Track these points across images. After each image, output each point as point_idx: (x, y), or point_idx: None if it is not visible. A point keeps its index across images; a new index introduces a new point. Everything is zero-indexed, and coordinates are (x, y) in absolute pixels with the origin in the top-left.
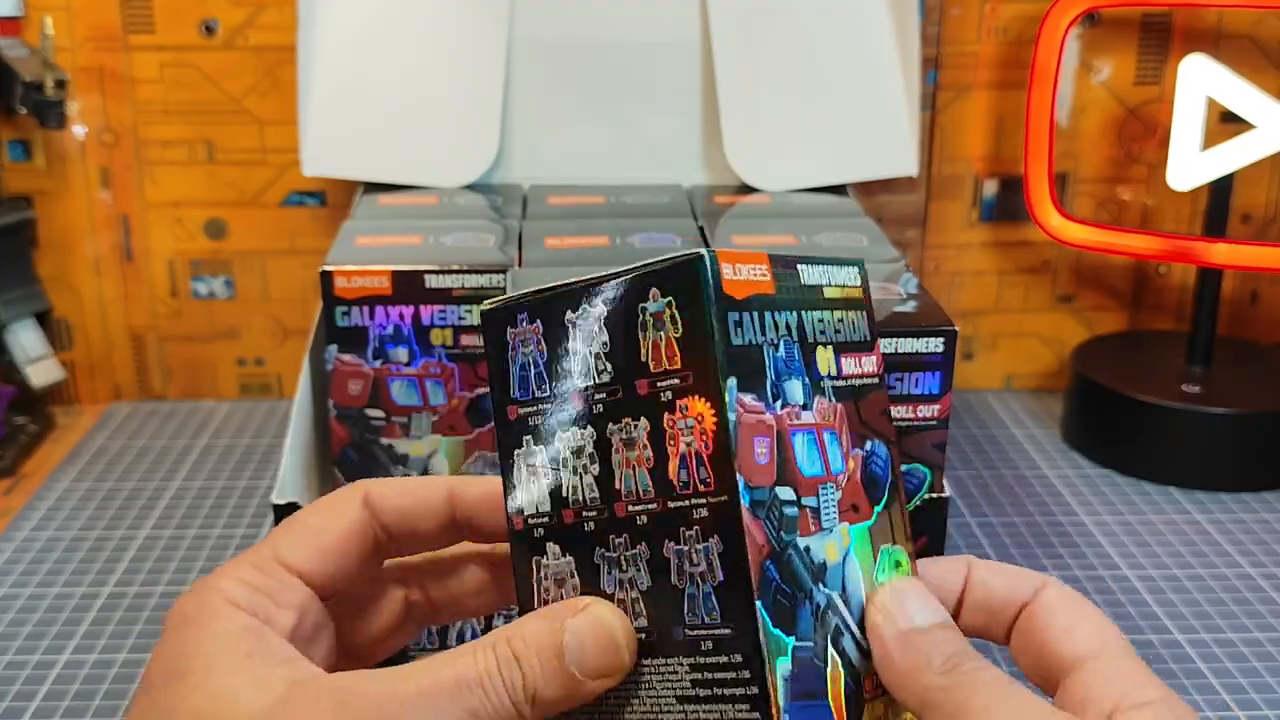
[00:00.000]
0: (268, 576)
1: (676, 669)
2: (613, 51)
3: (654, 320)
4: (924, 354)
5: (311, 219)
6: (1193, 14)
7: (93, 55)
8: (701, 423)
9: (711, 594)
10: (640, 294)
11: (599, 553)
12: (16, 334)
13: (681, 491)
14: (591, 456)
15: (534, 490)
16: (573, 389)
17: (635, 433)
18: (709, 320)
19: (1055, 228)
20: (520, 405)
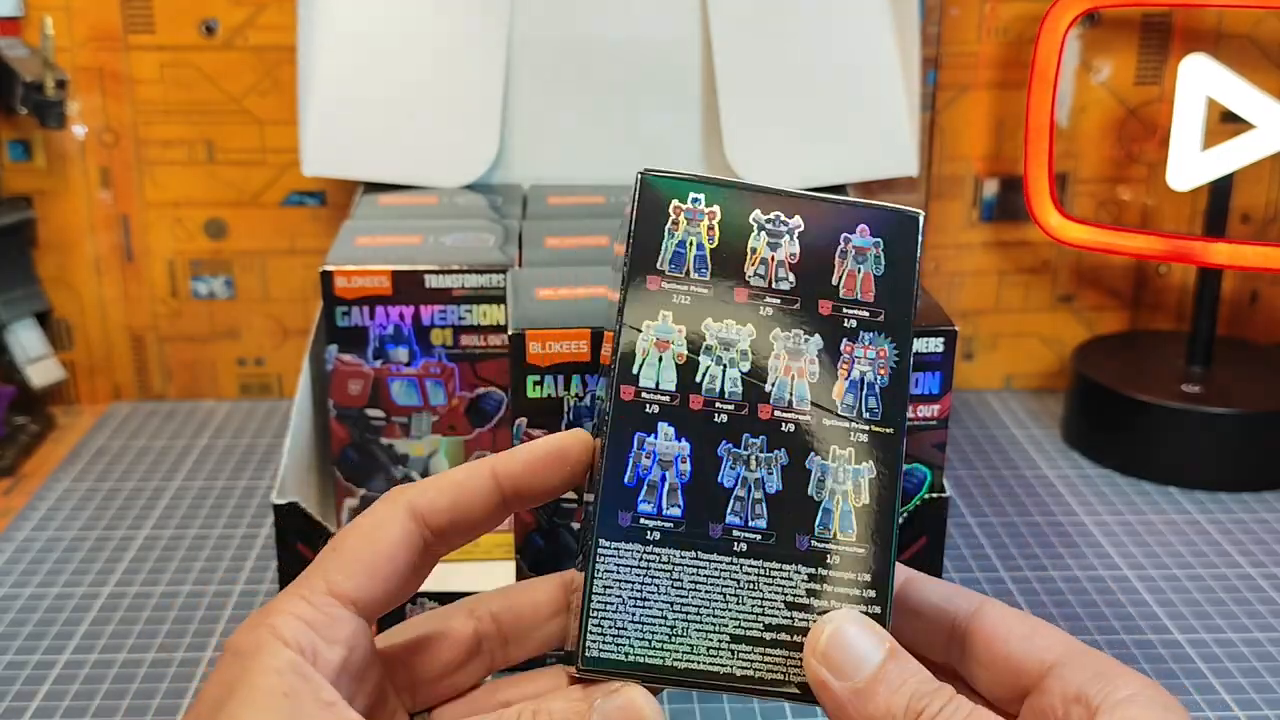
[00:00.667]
0: (318, 610)
1: (793, 576)
2: (613, 51)
3: (855, 253)
4: (924, 354)
5: (311, 219)
6: (1193, 14)
7: (93, 55)
8: (883, 357)
9: (851, 513)
10: (848, 225)
11: (726, 446)
12: (17, 334)
13: (843, 413)
14: (744, 353)
15: (660, 366)
16: (739, 283)
17: (804, 345)
18: (915, 272)
19: (1055, 228)
20: (667, 279)
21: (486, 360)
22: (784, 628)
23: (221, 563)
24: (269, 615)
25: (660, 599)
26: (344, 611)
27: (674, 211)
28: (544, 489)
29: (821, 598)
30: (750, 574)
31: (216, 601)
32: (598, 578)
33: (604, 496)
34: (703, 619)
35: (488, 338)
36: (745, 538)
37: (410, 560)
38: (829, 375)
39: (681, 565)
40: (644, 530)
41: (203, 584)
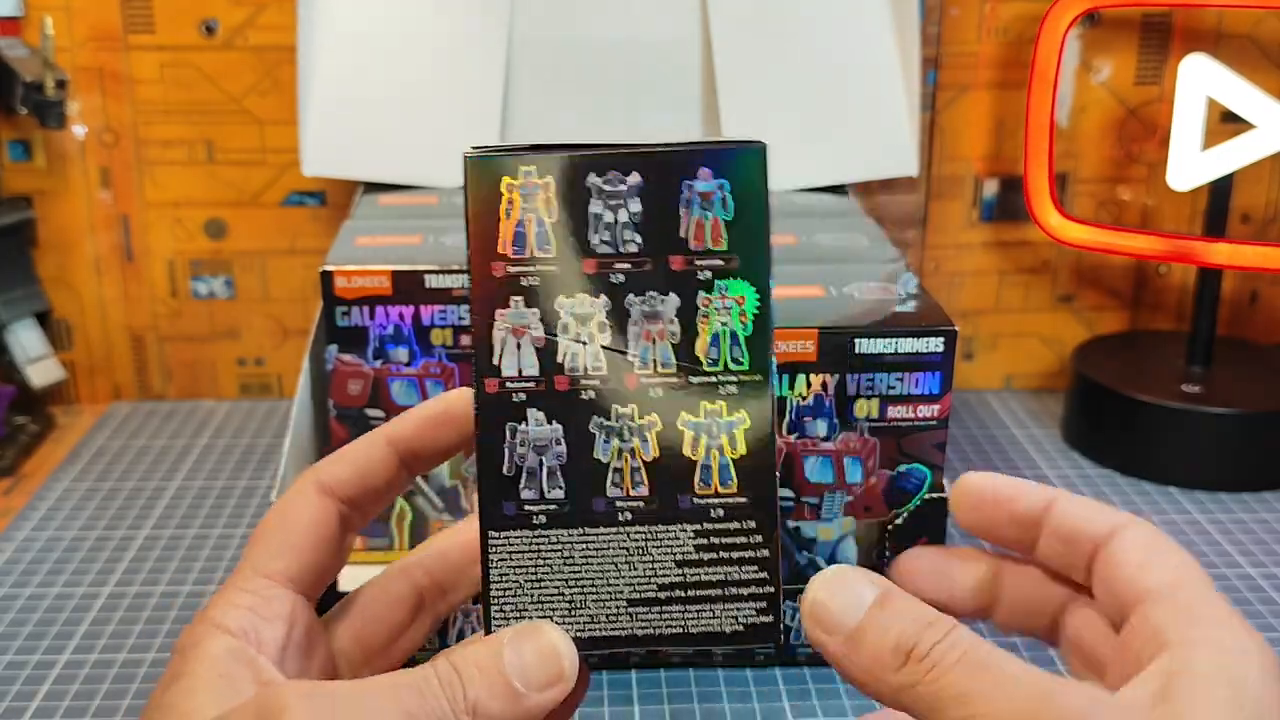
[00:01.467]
0: (251, 593)
1: (679, 535)
2: (613, 51)
3: (700, 199)
4: (924, 354)
5: (311, 219)
6: (1193, 14)
7: (93, 55)
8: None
9: (729, 465)
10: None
11: (597, 421)
12: (17, 334)
13: (708, 369)
14: (601, 325)
15: (519, 354)
16: (585, 254)
17: (661, 306)
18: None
19: (1055, 228)
20: (511, 263)
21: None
22: (677, 584)
23: (221, 563)
24: (208, 609)
25: (555, 577)
26: (278, 590)
27: (507, 190)
28: (438, 449)
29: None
30: (638, 540)
31: None
32: (493, 566)
33: (485, 489)
34: (599, 589)
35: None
36: (628, 506)
37: (329, 533)
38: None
39: (570, 543)
40: (529, 516)
41: (203, 584)
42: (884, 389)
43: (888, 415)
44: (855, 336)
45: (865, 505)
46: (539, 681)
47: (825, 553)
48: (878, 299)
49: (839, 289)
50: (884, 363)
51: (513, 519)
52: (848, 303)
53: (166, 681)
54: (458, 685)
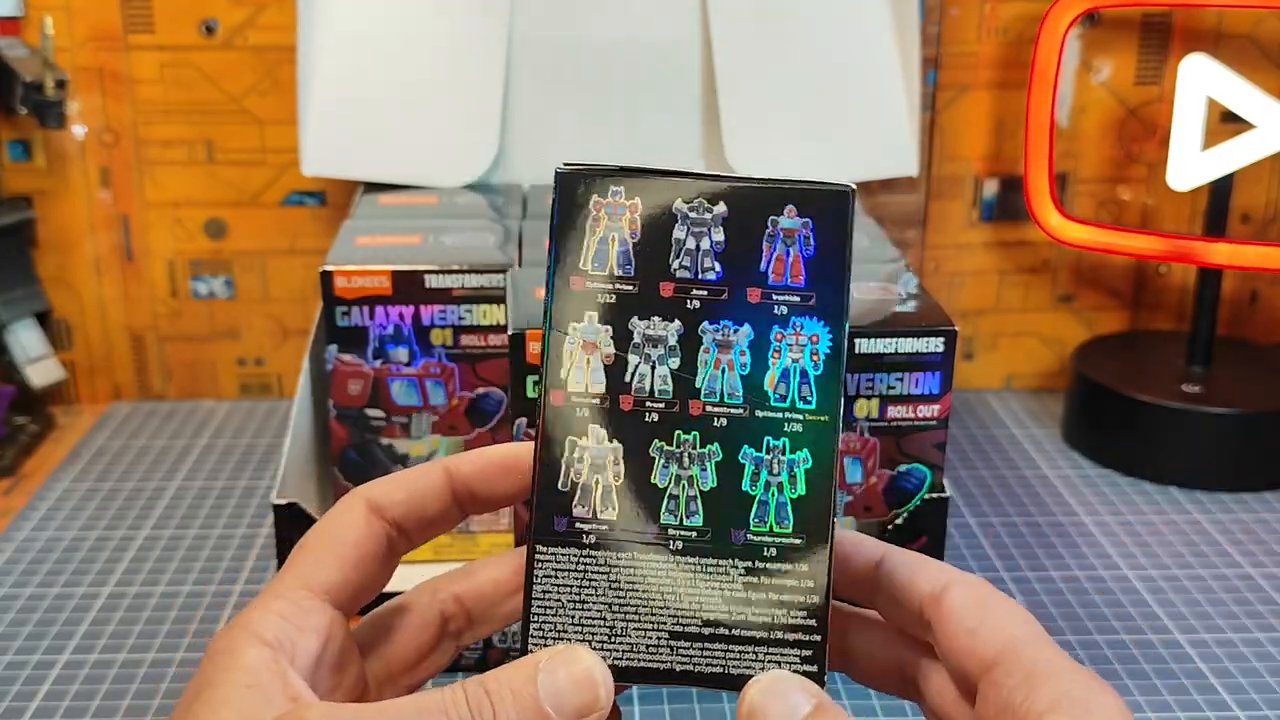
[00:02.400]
0: (291, 603)
1: (729, 571)
2: (613, 51)
3: (784, 235)
4: (924, 354)
5: (311, 219)
6: (1193, 14)
7: (93, 55)
8: (815, 343)
9: (788, 504)
10: (774, 207)
11: (657, 445)
12: (17, 334)
13: (775, 404)
14: (673, 349)
15: (588, 369)
16: (664, 277)
17: (734, 336)
18: (846, 251)
19: (1055, 228)
20: (590, 278)
21: (486, 360)
22: (723, 622)
23: (221, 563)
24: (245, 614)
25: (599, 600)
26: (317, 602)
27: (594, 208)
28: (496, 495)
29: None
30: (687, 571)
31: (216, 602)
32: (537, 583)
33: (539, 502)
34: (641, 618)
35: (488, 338)
36: (681, 535)
37: (375, 551)
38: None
39: (618, 566)
40: (580, 534)
41: (203, 584)
42: (884, 389)
43: (888, 415)
44: (855, 336)
45: (865, 505)
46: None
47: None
48: (878, 299)
49: None
50: (884, 363)
51: (562, 535)
52: None
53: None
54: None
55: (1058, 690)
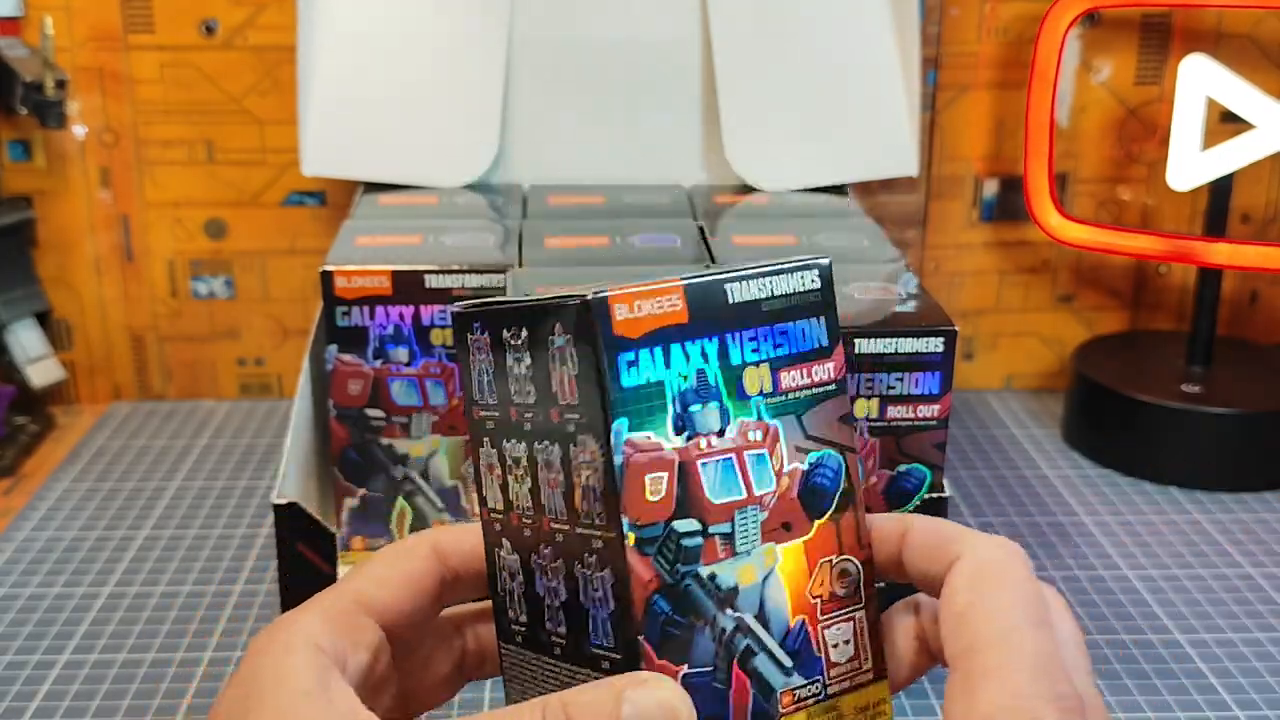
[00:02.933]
0: (346, 615)
1: (590, 677)
2: (613, 51)
3: (558, 355)
4: (924, 354)
5: (312, 219)
6: (1192, 14)
7: (93, 55)
8: (595, 460)
9: (607, 620)
10: (549, 326)
11: (534, 558)
12: (17, 334)
13: (584, 521)
14: (525, 469)
15: (494, 488)
16: (509, 403)
17: (551, 456)
18: (599, 363)
19: (1055, 228)
20: (479, 408)
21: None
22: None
23: (221, 563)
24: (297, 618)
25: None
26: (370, 620)
27: (470, 344)
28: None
29: None
30: (566, 674)
31: (216, 602)
32: (505, 674)
33: (495, 604)
34: None
35: None
36: (557, 641)
37: (433, 589)
38: (569, 482)
39: (532, 665)
40: (514, 634)
41: (203, 584)
42: (884, 389)
43: (888, 415)
44: (855, 336)
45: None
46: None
47: None
48: (878, 299)
49: (839, 289)
50: (884, 363)
51: (505, 632)
52: (848, 303)
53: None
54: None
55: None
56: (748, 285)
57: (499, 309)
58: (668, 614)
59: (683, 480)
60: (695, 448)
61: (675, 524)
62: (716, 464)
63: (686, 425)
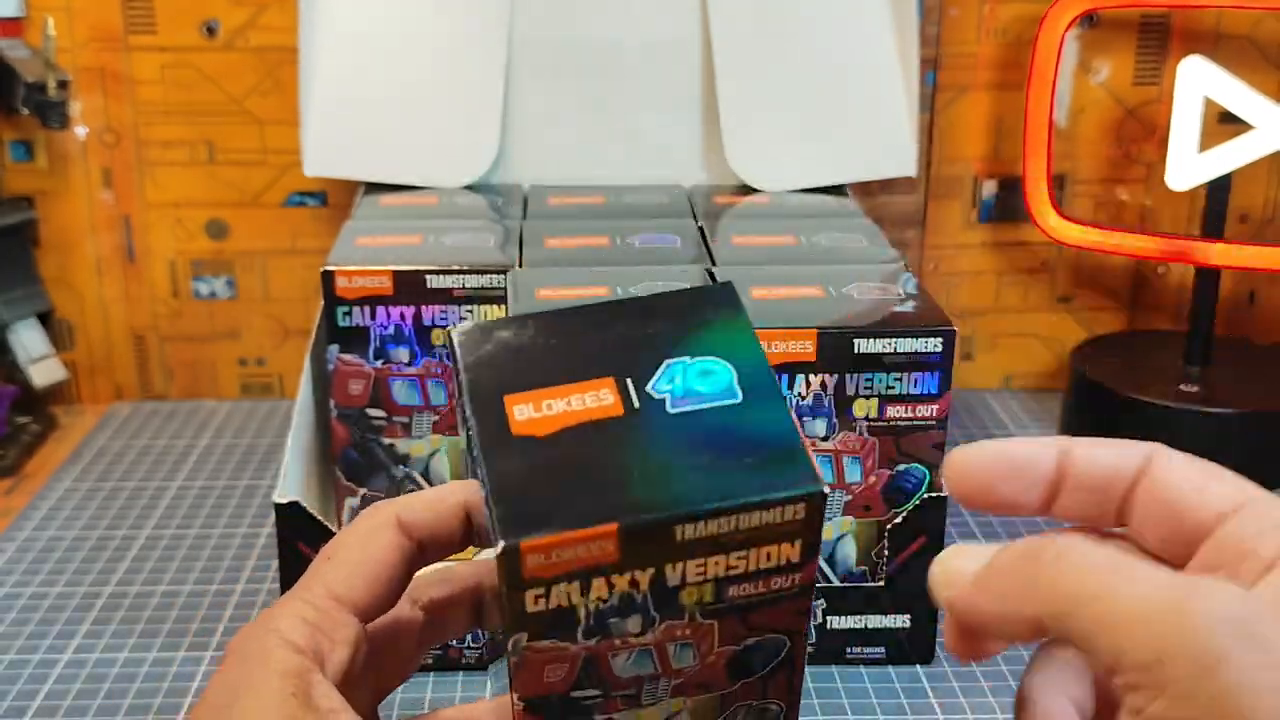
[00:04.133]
0: (323, 613)
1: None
2: (613, 51)
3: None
4: (923, 354)
5: (312, 219)
6: (1191, 15)
7: (94, 56)
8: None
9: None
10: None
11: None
12: (18, 334)
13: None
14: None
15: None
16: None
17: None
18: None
19: (1054, 228)
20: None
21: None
22: None
23: (223, 563)
24: (273, 619)
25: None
26: (347, 615)
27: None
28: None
29: None
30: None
31: (218, 601)
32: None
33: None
34: None
35: None
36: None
37: (401, 568)
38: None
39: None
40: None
41: (204, 584)
42: (883, 389)
43: (886, 415)
44: (854, 336)
45: (864, 505)
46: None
47: (824, 552)
48: (877, 299)
49: (838, 289)
50: (883, 363)
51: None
52: (847, 303)
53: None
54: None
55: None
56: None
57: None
58: None
59: (589, 665)
60: (609, 645)
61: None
62: (630, 653)
63: (599, 631)
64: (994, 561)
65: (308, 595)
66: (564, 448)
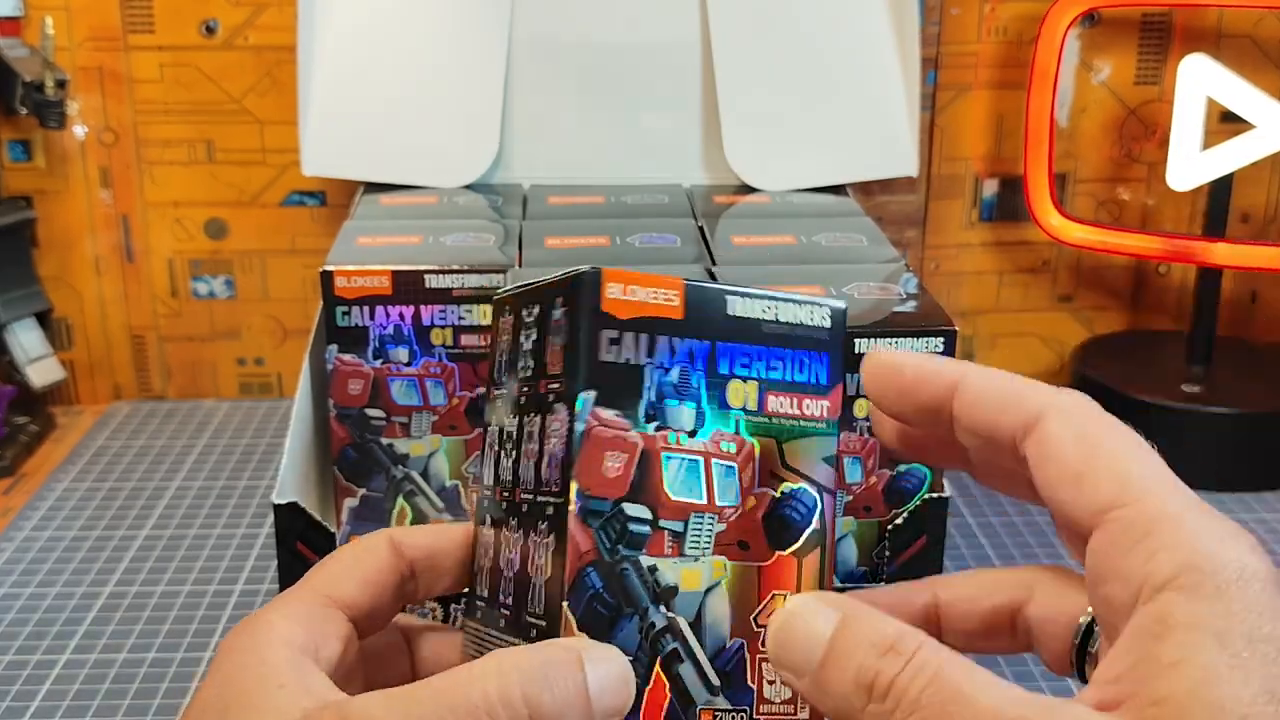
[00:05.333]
0: (313, 609)
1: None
2: (613, 51)
3: (554, 327)
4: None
5: (312, 219)
6: (1193, 14)
7: (93, 55)
8: (562, 428)
9: (542, 587)
10: (552, 301)
11: (504, 531)
12: (17, 334)
13: (544, 488)
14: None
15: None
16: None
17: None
18: (579, 333)
19: (1055, 228)
20: (494, 388)
21: (486, 360)
22: None
23: (222, 562)
24: (265, 614)
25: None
26: (338, 613)
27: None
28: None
29: None
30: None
31: (217, 601)
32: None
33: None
34: None
35: (488, 338)
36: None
37: (393, 585)
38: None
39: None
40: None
41: (203, 584)
42: None
43: None
44: (855, 336)
45: (865, 505)
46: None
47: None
48: (878, 299)
49: (839, 289)
50: None
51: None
52: (847, 303)
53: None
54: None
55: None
56: (751, 303)
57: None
58: (597, 590)
59: (643, 466)
60: (663, 439)
61: (625, 505)
62: (681, 461)
63: (657, 415)
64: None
65: (300, 594)
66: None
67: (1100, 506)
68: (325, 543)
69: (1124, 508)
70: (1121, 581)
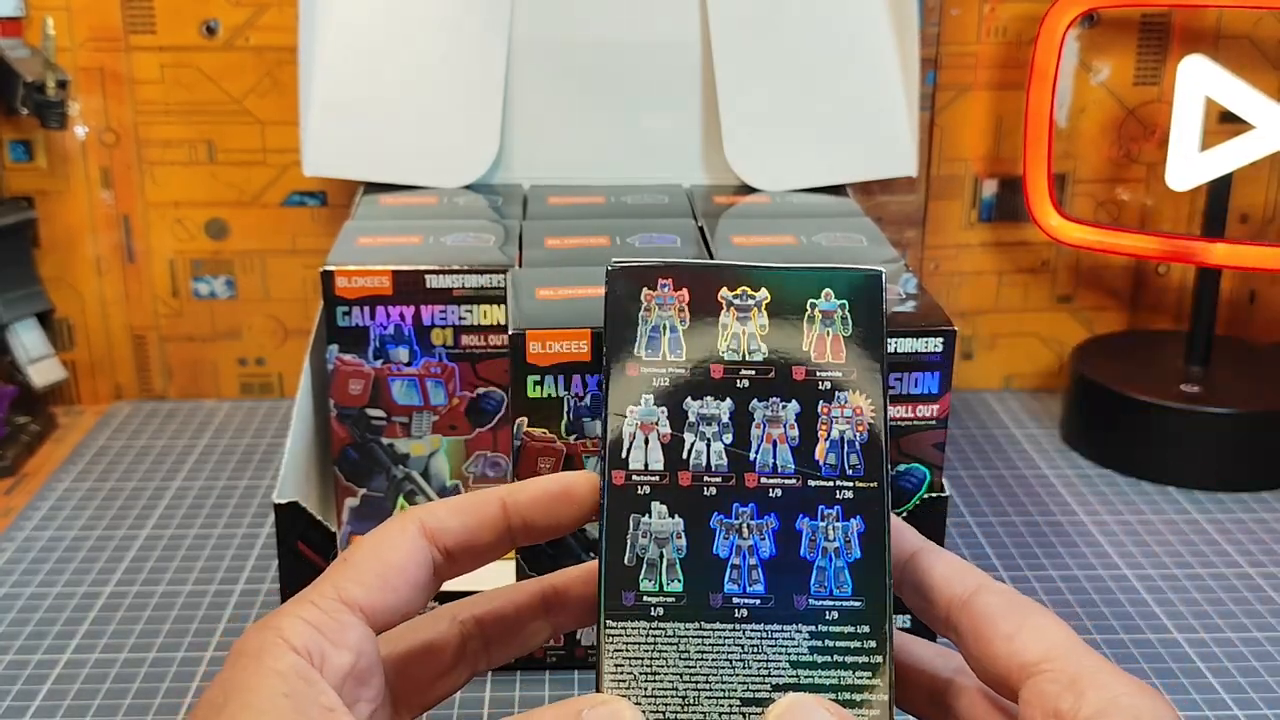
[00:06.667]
0: (326, 615)
1: (794, 635)
2: (613, 51)
3: (823, 317)
4: (923, 354)
5: (312, 219)
6: (1192, 14)
7: (94, 56)
8: (859, 415)
9: (845, 569)
10: (813, 291)
11: (718, 518)
12: (18, 334)
13: (826, 474)
14: (725, 426)
15: (646, 448)
16: (714, 360)
17: (783, 412)
18: (882, 328)
19: (1054, 228)
20: (644, 364)
21: (487, 360)
22: (791, 685)
23: (222, 562)
24: (276, 618)
25: (670, 671)
26: (352, 618)
27: (645, 298)
28: (551, 525)
29: (824, 653)
30: (754, 638)
31: (217, 602)
32: (608, 657)
33: (607, 578)
34: (712, 686)
35: (488, 338)
36: (745, 604)
37: (420, 576)
38: (810, 438)
39: (687, 637)
40: (648, 607)
41: (204, 584)
42: None
43: None
44: None
45: None
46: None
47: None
48: None
49: None
50: None
51: (630, 609)
52: None
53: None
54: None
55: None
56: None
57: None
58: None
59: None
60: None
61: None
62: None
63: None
64: None
65: (315, 596)
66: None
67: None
68: (326, 543)
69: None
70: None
